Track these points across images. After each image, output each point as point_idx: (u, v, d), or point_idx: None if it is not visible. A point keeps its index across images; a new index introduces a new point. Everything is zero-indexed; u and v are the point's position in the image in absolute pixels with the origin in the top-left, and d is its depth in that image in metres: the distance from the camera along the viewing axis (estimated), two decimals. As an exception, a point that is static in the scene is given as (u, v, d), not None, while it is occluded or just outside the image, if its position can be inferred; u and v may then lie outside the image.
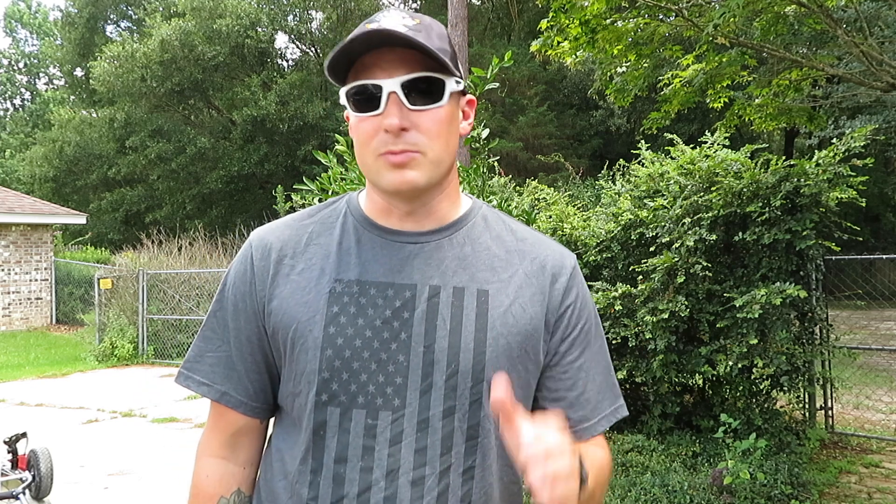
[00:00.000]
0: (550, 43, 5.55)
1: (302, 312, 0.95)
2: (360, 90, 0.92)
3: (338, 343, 0.93)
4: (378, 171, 0.92)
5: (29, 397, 7.95)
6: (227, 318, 1.02)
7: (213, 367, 1.02)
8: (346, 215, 1.03)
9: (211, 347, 1.03)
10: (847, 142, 4.55)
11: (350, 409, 0.92)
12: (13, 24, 40.49)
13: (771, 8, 5.13)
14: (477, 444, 0.94)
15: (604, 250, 5.19)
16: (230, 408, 1.01)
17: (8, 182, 29.79)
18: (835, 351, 4.88)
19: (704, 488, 3.93)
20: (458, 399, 0.92)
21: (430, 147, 0.92)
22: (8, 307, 15.06)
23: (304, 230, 1.03)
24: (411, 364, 0.92)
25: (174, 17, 22.50)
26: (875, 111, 10.91)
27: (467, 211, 1.04)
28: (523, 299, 0.98)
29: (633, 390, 5.21)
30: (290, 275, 0.98)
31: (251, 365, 1.01)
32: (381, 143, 0.91)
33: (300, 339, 0.94)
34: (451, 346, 0.93)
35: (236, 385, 1.01)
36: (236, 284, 1.02)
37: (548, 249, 1.04)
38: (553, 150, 16.42)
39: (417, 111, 0.91)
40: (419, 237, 0.98)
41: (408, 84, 0.90)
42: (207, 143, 22.93)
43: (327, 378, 0.93)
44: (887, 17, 8.56)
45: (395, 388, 0.92)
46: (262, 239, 1.03)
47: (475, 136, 3.37)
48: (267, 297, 0.98)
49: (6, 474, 4.12)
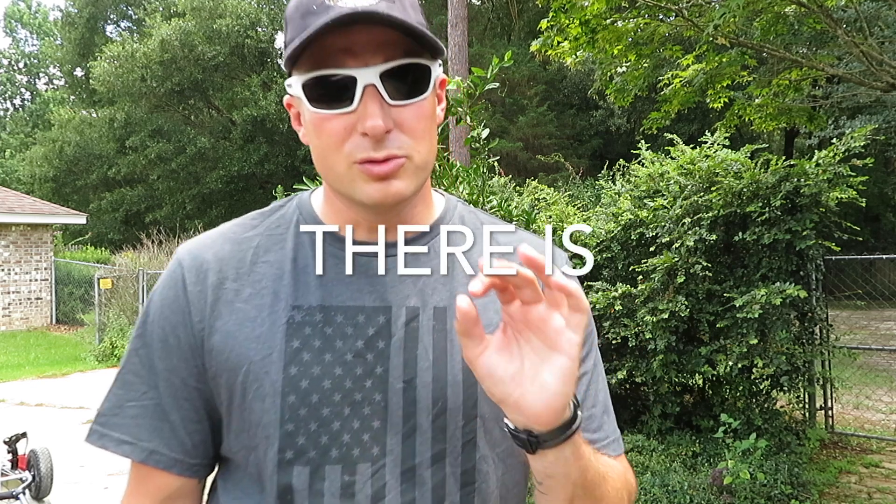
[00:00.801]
0: (550, 43, 5.56)
1: (254, 350, 0.77)
2: (324, 81, 0.73)
3: (302, 386, 0.76)
4: (353, 181, 0.75)
5: (29, 397, 7.95)
6: (153, 358, 0.81)
7: (136, 420, 0.80)
8: (298, 224, 0.85)
9: (133, 395, 0.81)
10: (847, 142, 4.55)
11: (322, 467, 0.76)
12: (13, 24, 40.50)
13: (771, 8, 5.14)
14: (474, 490, 0.79)
15: (604, 250, 5.18)
16: (161, 469, 0.81)
17: (8, 182, 29.79)
18: (835, 351, 4.88)
19: (704, 488, 3.93)
20: (449, 441, 0.78)
21: (417, 149, 0.75)
22: (8, 307, 15.06)
23: (247, 244, 0.83)
24: (390, 404, 0.77)
25: (174, 17, 22.52)
26: (875, 111, 10.91)
27: (442, 212, 0.88)
28: None
29: (633, 390, 5.21)
30: (235, 302, 0.79)
31: (188, 413, 0.81)
32: (358, 148, 0.73)
33: (254, 383, 0.77)
34: (436, 379, 0.78)
35: (168, 440, 0.80)
36: (164, 315, 0.81)
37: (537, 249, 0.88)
38: (553, 150, 16.42)
39: (399, 106, 0.74)
40: (391, 249, 0.80)
41: (387, 74, 0.73)
42: (207, 143, 22.94)
43: (292, 431, 0.76)
44: (887, 17, 8.56)
45: (372, 434, 0.76)
46: (196, 257, 0.82)
47: (475, 136, 3.37)
48: (206, 331, 0.79)
49: (6, 474, 4.12)
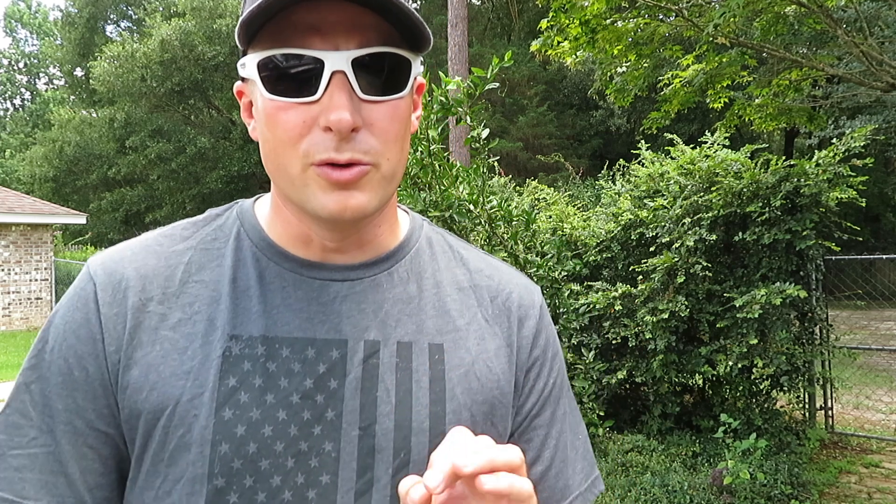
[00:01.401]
0: (550, 43, 5.56)
1: (180, 388, 0.64)
2: (284, 63, 0.61)
3: (237, 433, 0.63)
4: (307, 186, 0.62)
5: (29, 397, 7.95)
6: (50, 395, 0.65)
7: (20, 473, 0.64)
8: (238, 238, 0.71)
9: (20, 441, 0.64)
10: (847, 142, 4.55)
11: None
12: (13, 24, 40.52)
13: (771, 8, 5.14)
14: None
15: (604, 250, 5.19)
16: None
17: (8, 182, 29.81)
18: (835, 351, 4.88)
19: (704, 488, 3.93)
20: None
21: (386, 156, 0.63)
22: (8, 307, 15.07)
23: (176, 259, 0.69)
24: (342, 454, 0.65)
25: (174, 17, 22.54)
26: (875, 111, 10.91)
27: (408, 233, 0.76)
28: (487, 354, 0.72)
29: (633, 390, 5.22)
30: (160, 329, 0.66)
31: (92, 464, 0.65)
32: (317, 145, 0.61)
33: (178, 428, 0.63)
34: (399, 426, 0.66)
35: (63, 497, 0.64)
36: (69, 342, 0.66)
37: (510, 284, 0.78)
38: (553, 150, 16.42)
39: (372, 102, 0.62)
40: (349, 272, 0.70)
41: (361, 61, 0.61)
42: (207, 143, 22.96)
43: (222, 487, 0.62)
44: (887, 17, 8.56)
45: (320, 492, 0.64)
46: (113, 273, 0.68)
47: (475, 136, 3.37)
48: (122, 363, 0.65)
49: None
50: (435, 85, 3.24)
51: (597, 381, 4.67)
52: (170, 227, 0.74)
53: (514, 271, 0.81)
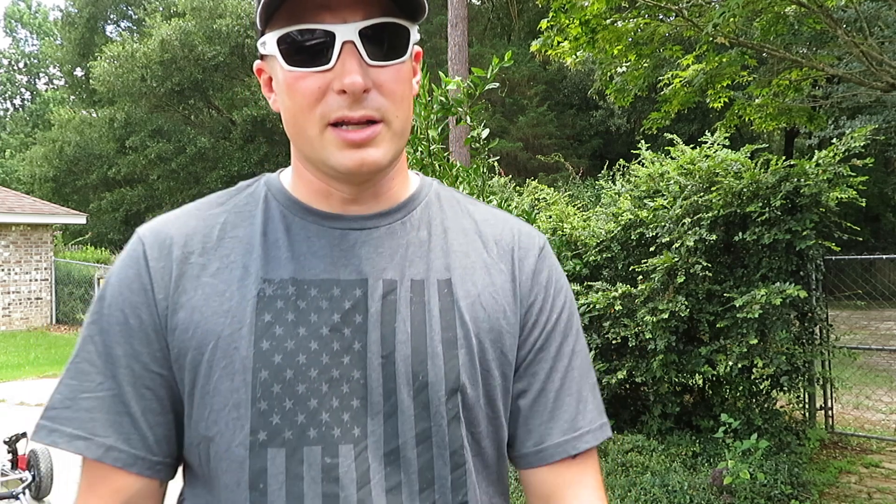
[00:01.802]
0: (550, 43, 5.56)
1: (222, 324, 0.72)
2: (300, 37, 0.70)
3: (275, 361, 0.71)
4: (325, 147, 0.72)
5: (29, 397, 7.96)
6: (111, 343, 0.74)
7: (91, 413, 0.73)
8: (266, 200, 0.81)
9: (88, 386, 0.74)
10: (847, 142, 4.55)
11: (299, 448, 0.70)
12: (13, 24, 40.51)
13: (771, 8, 5.14)
14: (465, 472, 0.75)
15: (604, 250, 5.18)
16: (119, 468, 0.73)
17: (8, 182, 29.80)
18: (835, 351, 4.88)
19: (704, 488, 3.93)
20: (433, 419, 0.73)
21: (395, 114, 0.72)
22: (8, 307, 15.07)
23: (213, 220, 0.79)
24: (369, 381, 0.73)
25: (174, 17, 22.53)
26: (875, 111, 10.91)
27: (417, 189, 0.85)
28: (493, 287, 0.80)
29: (633, 390, 5.21)
30: (202, 276, 0.75)
31: (151, 403, 0.74)
32: (332, 107, 0.70)
33: (222, 360, 0.71)
34: (416, 352, 0.74)
35: (128, 434, 0.73)
36: (124, 295, 0.75)
37: (514, 229, 0.86)
38: (553, 150, 16.42)
39: (378, 67, 0.71)
40: (365, 221, 0.79)
41: (367, 32, 0.70)
42: (207, 143, 22.96)
43: (265, 410, 0.70)
44: (887, 17, 8.56)
45: (352, 414, 0.72)
46: (158, 232, 0.78)
47: (475, 136, 3.37)
48: (170, 308, 0.74)
49: (6, 474, 4.12)
50: (435, 85, 3.24)
51: (597, 381, 4.67)
52: (206, 198, 0.84)
53: (520, 221, 0.89)
